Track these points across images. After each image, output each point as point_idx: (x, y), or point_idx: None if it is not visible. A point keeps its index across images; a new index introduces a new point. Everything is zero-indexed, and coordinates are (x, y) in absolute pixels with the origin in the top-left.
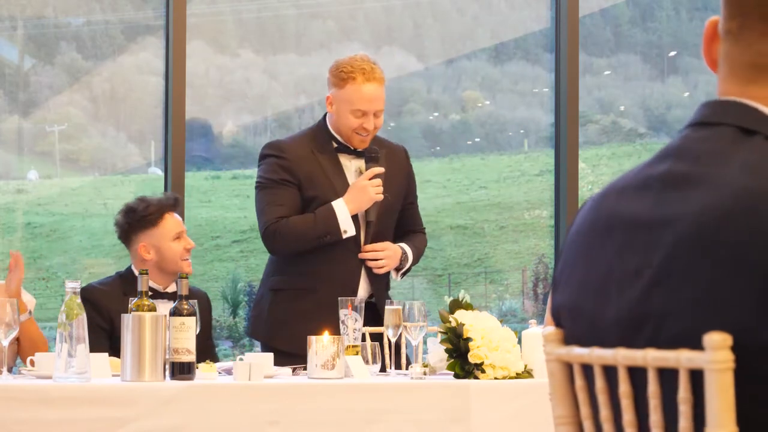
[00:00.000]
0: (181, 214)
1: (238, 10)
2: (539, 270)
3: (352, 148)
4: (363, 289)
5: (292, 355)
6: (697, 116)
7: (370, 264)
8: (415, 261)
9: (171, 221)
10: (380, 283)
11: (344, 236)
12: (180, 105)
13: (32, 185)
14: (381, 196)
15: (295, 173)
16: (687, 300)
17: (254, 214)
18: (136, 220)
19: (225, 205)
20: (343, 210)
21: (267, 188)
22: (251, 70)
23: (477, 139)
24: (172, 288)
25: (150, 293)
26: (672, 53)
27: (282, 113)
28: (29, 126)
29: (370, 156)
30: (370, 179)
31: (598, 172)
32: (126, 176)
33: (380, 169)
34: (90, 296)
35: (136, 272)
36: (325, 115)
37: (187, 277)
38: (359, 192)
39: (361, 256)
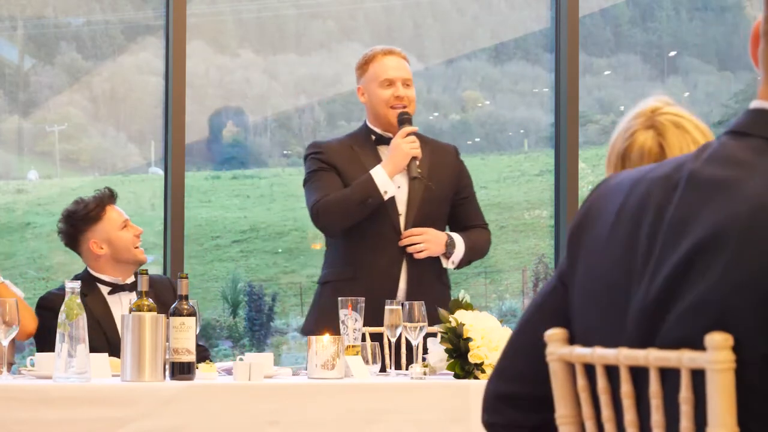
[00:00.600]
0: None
1: (238, 10)
2: (539, 270)
3: (392, 136)
4: (404, 280)
5: None
6: (733, 124)
7: (410, 249)
8: (472, 252)
9: (113, 212)
10: (424, 275)
11: (385, 197)
12: (180, 105)
13: (32, 185)
14: (417, 152)
15: (333, 164)
16: (696, 304)
17: (254, 214)
18: (79, 220)
19: (225, 205)
20: (380, 173)
21: (309, 181)
22: (251, 70)
23: (477, 139)
24: (131, 279)
25: (110, 287)
26: (672, 53)
27: (282, 113)
28: (29, 126)
29: (402, 118)
30: (404, 138)
31: (598, 172)
32: (126, 176)
33: (413, 128)
34: (48, 304)
35: (93, 272)
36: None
37: (186, 277)
38: (394, 150)
39: (401, 243)
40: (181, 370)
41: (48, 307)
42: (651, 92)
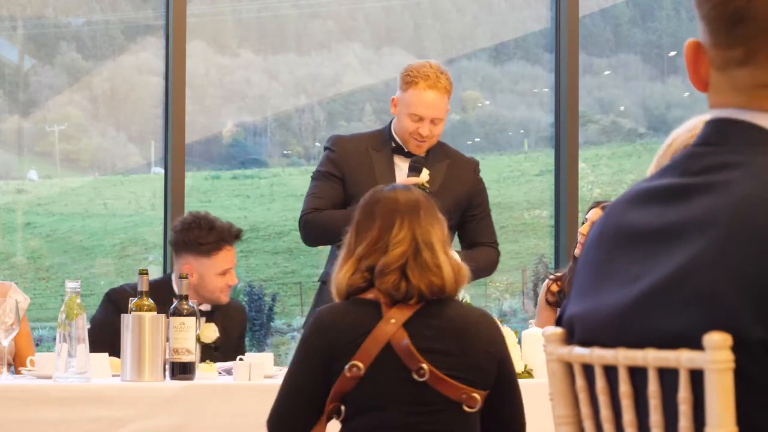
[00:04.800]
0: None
1: (238, 10)
2: (539, 270)
3: (409, 151)
4: None
5: None
6: (700, 136)
7: None
8: (471, 270)
9: (224, 258)
10: None
11: None
12: (180, 105)
13: (32, 185)
14: None
15: (341, 168)
16: (681, 302)
17: (254, 214)
18: (191, 242)
19: (225, 205)
20: None
21: (314, 179)
22: (251, 70)
23: (477, 139)
24: (205, 307)
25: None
26: (672, 53)
27: (282, 113)
28: (29, 126)
29: (413, 165)
30: None
31: (598, 172)
32: (126, 176)
33: (417, 180)
34: (115, 297)
35: (175, 280)
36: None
37: (186, 277)
38: None
39: None
40: (181, 370)
41: (111, 301)
42: (651, 92)
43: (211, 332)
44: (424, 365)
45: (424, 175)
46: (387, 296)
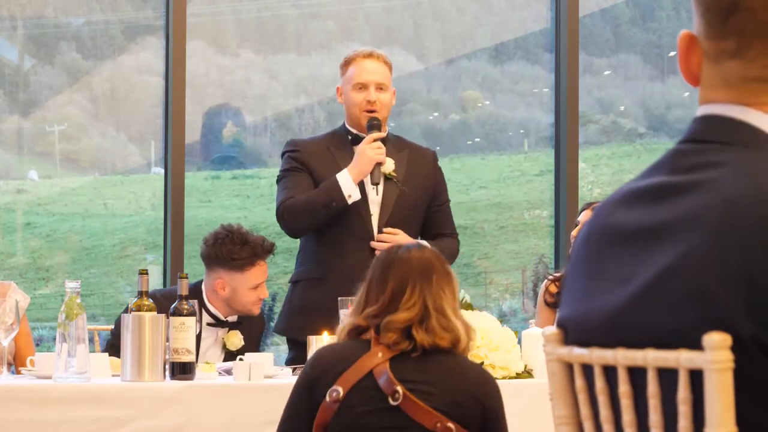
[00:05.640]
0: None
1: (238, 10)
2: (539, 270)
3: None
4: None
5: (305, 345)
6: (688, 133)
7: (379, 248)
8: None
9: (257, 272)
10: None
11: (349, 201)
12: (180, 105)
13: (32, 185)
14: (381, 157)
15: (308, 166)
16: (672, 300)
17: (254, 214)
18: (223, 257)
19: (225, 205)
20: (345, 177)
21: (282, 179)
22: (251, 70)
23: (477, 139)
24: (232, 318)
25: (212, 319)
26: (672, 53)
27: (282, 113)
28: (29, 126)
29: (371, 123)
30: (369, 144)
31: (598, 172)
32: (126, 176)
33: (380, 134)
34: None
35: (204, 292)
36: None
37: (186, 277)
38: (358, 156)
39: (373, 244)
40: (181, 370)
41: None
42: (651, 92)
43: (236, 340)
44: (399, 388)
45: (390, 165)
46: (387, 348)
